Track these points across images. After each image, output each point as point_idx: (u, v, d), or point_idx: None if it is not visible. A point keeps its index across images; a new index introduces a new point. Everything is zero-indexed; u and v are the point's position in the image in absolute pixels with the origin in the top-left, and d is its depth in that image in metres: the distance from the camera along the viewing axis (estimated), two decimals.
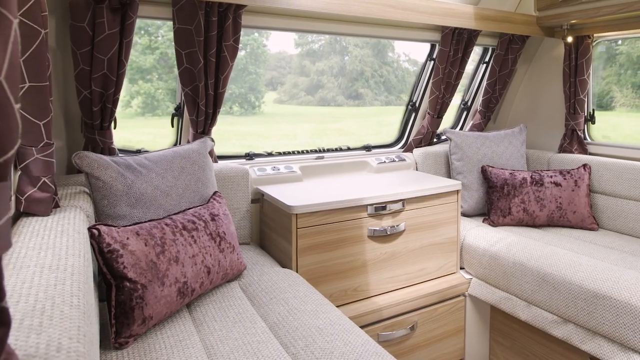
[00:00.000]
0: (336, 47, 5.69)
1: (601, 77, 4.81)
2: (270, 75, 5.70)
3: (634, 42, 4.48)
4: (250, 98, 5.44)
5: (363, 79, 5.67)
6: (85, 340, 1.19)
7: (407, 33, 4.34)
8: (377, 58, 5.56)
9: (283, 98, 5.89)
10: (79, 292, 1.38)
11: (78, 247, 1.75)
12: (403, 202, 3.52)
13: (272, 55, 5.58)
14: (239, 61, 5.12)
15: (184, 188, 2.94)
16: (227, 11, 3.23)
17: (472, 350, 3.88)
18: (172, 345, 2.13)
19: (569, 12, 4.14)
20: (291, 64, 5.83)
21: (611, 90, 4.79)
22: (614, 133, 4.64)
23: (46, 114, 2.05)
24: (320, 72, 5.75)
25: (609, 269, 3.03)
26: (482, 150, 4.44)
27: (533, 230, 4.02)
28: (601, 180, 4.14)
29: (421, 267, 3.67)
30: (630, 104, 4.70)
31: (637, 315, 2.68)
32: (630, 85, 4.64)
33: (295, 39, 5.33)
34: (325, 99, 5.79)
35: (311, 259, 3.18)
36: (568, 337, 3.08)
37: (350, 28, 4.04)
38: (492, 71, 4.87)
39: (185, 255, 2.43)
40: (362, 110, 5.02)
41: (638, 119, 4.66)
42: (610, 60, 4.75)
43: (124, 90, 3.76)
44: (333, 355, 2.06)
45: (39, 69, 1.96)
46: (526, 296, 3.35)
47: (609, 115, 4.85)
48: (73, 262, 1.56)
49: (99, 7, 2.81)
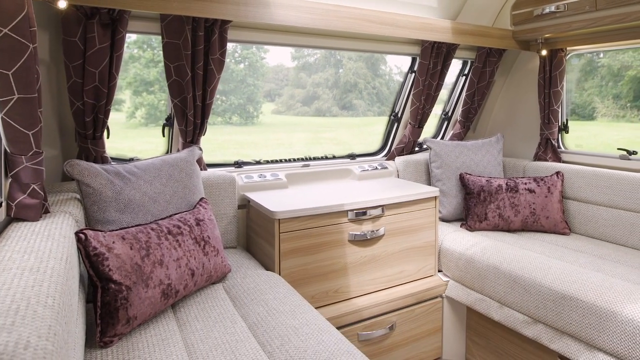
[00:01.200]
0: (331, 61, 5.75)
1: (583, 89, 4.84)
2: (269, 87, 5.75)
3: (615, 55, 4.52)
4: (249, 109, 5.49)
5: (357, 91, 5.72)
6: (55, 338, 1.21)
7: (388, 47, 4.38)
8: (370, 71, 5.61)
9: (280, 109, 5.95)
10: (55, 293, 1.40)
11: (61, 250, 1.77)
12: (382, 207, 3.55)
13: (270, 68, 5.64)
14: (238, 73, 5.17)
15: (172, 194, 2.97)
16: (213, 26, 3.26)
17: (449, 349, 3.91)
18: (154, 344, 2.15)
19: (543, 27, 4.19)
20: (288, 77, 5.89)
21: (593, 101, 4.83)
22: (595, 142, 4.67)
23: (35, 125, 2.07)
24: (315, 84, 5.81)
25: (577, 272, 3.06)
26: (460, 159, 4.48)
27: (508, 235, 4.06)
28: (573, 187, 4.18)
29: (400, 269, 3.71)
30: (610, 114, 4.73)
31: (602, 315, 2.71)
32: (611, 97, 4.68)
33: (292, 52, 5.39)
34: (320, 110, 5.84)
35: (293, 262, 3.21)
36: (538, 337, 3.11)
37: (333, 42, 4.08)
38: (471, 83, 4.91)
39: (169, 259, 2.45)
40: (355, 120, 5.07)
41: (618, 128, 4.70)
42: (592, 72, 4.78)
43: (129, 102, 3.80)
44: (306, 353, 2.09)
45: (27, 82, 1.98)
46: (499, 297, 3.38)
47: (591, 125, 4.89)
48: (54, 265, 1.59)
49: (90, 22, 2.85)
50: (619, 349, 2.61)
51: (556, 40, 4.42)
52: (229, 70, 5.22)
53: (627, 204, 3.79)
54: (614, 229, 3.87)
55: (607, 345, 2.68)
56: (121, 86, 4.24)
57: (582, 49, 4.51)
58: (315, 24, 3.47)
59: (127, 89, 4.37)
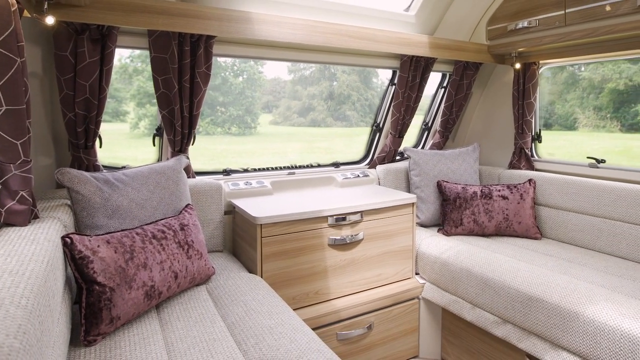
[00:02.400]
0: (325, 74, 5.79)
1: (566, 100, 4.88)
2: (266, 99, 5.80)
3: (596, 69, 4.55)
4: (247, 120, 5.53)
5: (350, 102, 5.75)
6: (24, 337, 1.23)
7: (370, 60, 4.41)
8: (362, 83, 5.64)
9: (277, 120, 5.99)
10: (30, 294, 1.43)
11: (43, 254, 1.79)
12: (361, 213, 3.58)
13: (268, 81, 5.69)
14: (237, 86, 5.20)
15: (159, 201, 3.00)
16: (199, 41, 3.30)
17: (426, 348, 3.93)
18: (136, 342, 2.18)
19: (516, 41, 4.24)
20: (285, 89, 5.93)
21: (575, 112, 4.86)
22: (576, 150, 4.71)
23: (23, 135, 2.09)
24: (311, 96, 5.86)
25: (544, 274, 3.09)
26: (438, 167, 4.52)
27: (482, 239, 4.09)
28: (545, 193, 4.21)
29: (378, 272, 3.73)
30: (592, 124, 4.76)
31: (565, 316, 2.74)
32: (592, 108, 4.70)
33: (289, 66, 5.44)
34: (315, 121, 5.88)
35: (275, 265, 3.23)
36: (507, 336, 3.14)
37: (316, 56, 4.11)
38: (449, 95, 4.95)
39: (153, 262, 2.48)
40: (349, 130, 5.10)
41: (598, 138, 4.73)
42: (574, 84, 4.81)
43: (133, 113, 3.82)
44: (279, 351, 2.12)
45: (15, 94, 2.01)
46: (471, 299, 3.41)
47: (573, 135, 4.92)
48: (33, 267, 1.61)
49: (80, 37, 2.88)
50: (582, 348, 2.64)
51: (529, 54, 4.47)
52: (228, 83, 5.26)
53: (595, 210, 3.83)
54: (582, 234, 3.91)
55: (570, 344, 2.70)
56: (125, 98, 4.27)
57: (553, 62, 4.56)
58: (297, 39, 3.52)
59: (131, 100, 4.40)
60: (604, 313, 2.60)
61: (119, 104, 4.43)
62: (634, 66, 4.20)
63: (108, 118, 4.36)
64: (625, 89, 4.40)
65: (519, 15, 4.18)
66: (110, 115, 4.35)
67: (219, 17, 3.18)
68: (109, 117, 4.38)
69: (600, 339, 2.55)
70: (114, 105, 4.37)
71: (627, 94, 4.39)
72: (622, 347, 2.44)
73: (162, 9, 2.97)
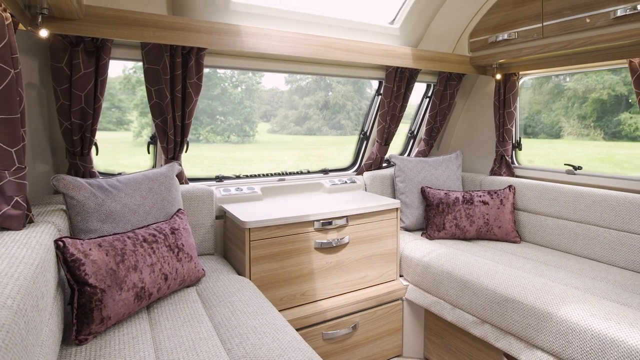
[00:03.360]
0: (321, 84, 5.84)
1: (551, 110, 4.91)
2: (265, 109, 5.86)
3: (580, 79, 4.59)
4: (245, 128, 5.58)
5: (344, 112, 5.80)
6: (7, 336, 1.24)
7: (356, 72, 4.44)
8: (356, 94, 5.69)
9: (275, 128, 6.05)
10: (17, 295, 1.44)
11: (34, 256, 1.81)
12: (347, 218, 3.61)
13: (266, 92, 5.75)
14: (236, 96, 5.25)
15: (151, 206, 3.02)
16: (190, 53, 3.33)
17: (409, 347, 3.96)
18: (125, 341, 2.20)
19: (497, 53, 4.27)
20: (282, 99, 6.01)
21: (560, 121, 4.89)
22: (561, 158, 4.74)
23: (17, 142, 2.11)
24: (307, 106, 5.92)
25: (521, 277, 3.12)
26: (422, 174, 4.55)
27: (463, 243, 4.12)
28: (524, 199, 4.25)
29: (363, 274, 3.76)
30: (576, 132, 4.79)
31: (540, 316, 2.77)
32: (576, 117, 4.74)
33: (286, 77, 5.51)
34: (311, 129, 5.94)
35: (263, 267, 3.26)
36: (485, 336, 3.16)
37: (304, 67, 4.14)
38: (433, 104, 4.98)
39: (144, 264, 2.50)
40: (343, 138, 5.14)
41: (582, 146, 4.76)
42: (559, 94, 4.85)
43: (136, 122, 3.84)
44: (261, 350, 2.14)
45: (9, 104, 2.03)
46: (451, 300, 3.44)
47: (558, 143, 4.96)
48: (22, 270, 1.63)
49: (75, 49, 2.91)
50: (555, 347, 2.66)
51: (509, 65, 4.51)
52: (227, 93, 5.32)
53: (571, 215, 3.86)
54: (559, 238, 3.94)
55: (544, 343, 2.73)
56: (129, 108, 4.29)
57: (532, 73, 4.61)
58: (285, 51, 3.54)
59: (135, 110, 4.44)
60: (575, 314, 2.62)
61: (123, 114, 4.46)
62: (616, 77, 4.24)
63: (112, 127, 4.39)
64: (608, 99, 4.44)
65: (500, 28, 4.22)
66: (115, 124, 4.38)
67: (209, 30, 3.20)
68: (114, 125, 4.41)
69: (572, 338, 2.57)
70: (118, 115, 4.40)
71: (610, 104, 4.42)
72: (593, 346, 2.47)
73: (153, 22, 3.00)
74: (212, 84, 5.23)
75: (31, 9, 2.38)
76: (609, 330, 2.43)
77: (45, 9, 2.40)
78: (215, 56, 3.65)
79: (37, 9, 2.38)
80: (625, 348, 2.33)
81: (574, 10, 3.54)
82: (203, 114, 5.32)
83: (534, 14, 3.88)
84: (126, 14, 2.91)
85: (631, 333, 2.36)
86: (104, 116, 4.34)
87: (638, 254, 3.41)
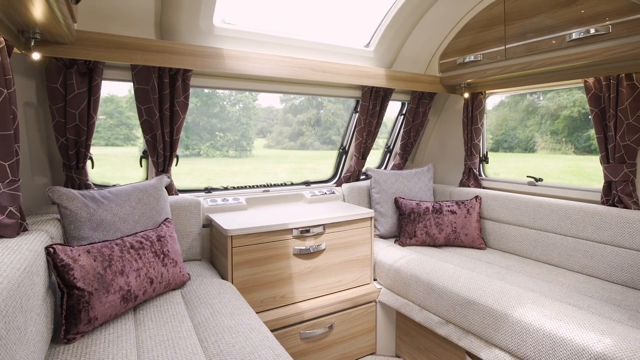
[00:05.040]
0: (313, 103, 5.93)
1: (526, 126, 4.97)
2: (261, 125, 5.93)
3: (552, 98, 4.66)
4: (243, 144, 5.64)
5: (335, 128, 5.87)
6: None
7: (335, 91, 4.51)
8: (346, 111, 5.76)
9: (271, 143, 6.13)
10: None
11: (22, 262, 1.84)
12: (324, 226, 3.66)
13: (262, 110, 5.84)
14: (234, 114, 5.31)
15: (140, 215, 3.06)
16: (177, 74, 3.38)
17: (382, 346, 3.99)
18: (110, 340, 2.23)
19: (465, 73, 4.34)
20: (277, 116, 6.08)
21: (534, 136, 4.95)
22: (534, 171, 4.79)
23: (10, 157, 2.15)
24: (300, 123, 6.00)
25: (482, 280, 3.17)
26: (396, 185, 4.60)
27: (433, 249, 4.16)
28: (489, 208, 4.30)
29: (339, 278, 3.80)
30: (549, 147, 4.84)
31: (497, 317, 2.82)
32: (549, 133, 4.80)
33: (281, 96, 5.59)
34: (304, 144, 6.01)
35: (244, 272, 3.30)
36: (449, 335, 3.20)
37: (285, 87, 4.20)
38: (407, 121, 5.04)
39: (130, 269, 2.54)
40: (333, 152, 5.18)
41: (554, 159, 4.82)
42: (533, 112, 4.91)
43: (140, 136, 3.85)
44: (234, 348, 2.18)
45: (2, 121, 2.07)
46: (419, 302, 3.48)
47: (532, 157, 5.02)
48: (8, 274, 1.66)
49: (69, 71, 2.97)
50: (511, 346, 2.71)
51: (476, 84, 4.59)
52: (226, 111, 5.39)
53: (532, 223, 3.92)
54: (521, 244, 4.00)
55: (501, 342, 2.78)
56: (136, 125, 4.33)
57: (498, 92, 4.68)
58: (264, 72, 3.60)
59: (140, 127, 4.49)
60: (529, 315, 2.67)
61: (130, 130, 4.49)
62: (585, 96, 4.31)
63: (120, 143, 4.43)
64: (578, 116, 4.50)
65: (467, 50, 4.28)
66: (122, 140, 4.42)
67: (193, 53, 3.26)
68: (121, 142, 4.45)
69: (526, 337, 2.62)
70: (125, 132, 4.44)
71: (580, 121, 4.49)
72: (545, 345, 2.51)
73: (141, 45, 3.06)
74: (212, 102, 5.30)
75: (24, 34, 2.42)
76: (559, 330, 2.48)
77: (38, 33, 2.44)
78: (202, 77, 3.71)
79: (29, 33, 2.42)
80: (573, 346, 2.38)
81: (534, 34, 3.61)
82: (203, 131, 5.38)
83: (497, 37, 3.95)
84: (116, 38, 2.96)
85: (579, 332, 2.41)
86: (113, 133, 4.40)
87: (591, 259, 3.46)
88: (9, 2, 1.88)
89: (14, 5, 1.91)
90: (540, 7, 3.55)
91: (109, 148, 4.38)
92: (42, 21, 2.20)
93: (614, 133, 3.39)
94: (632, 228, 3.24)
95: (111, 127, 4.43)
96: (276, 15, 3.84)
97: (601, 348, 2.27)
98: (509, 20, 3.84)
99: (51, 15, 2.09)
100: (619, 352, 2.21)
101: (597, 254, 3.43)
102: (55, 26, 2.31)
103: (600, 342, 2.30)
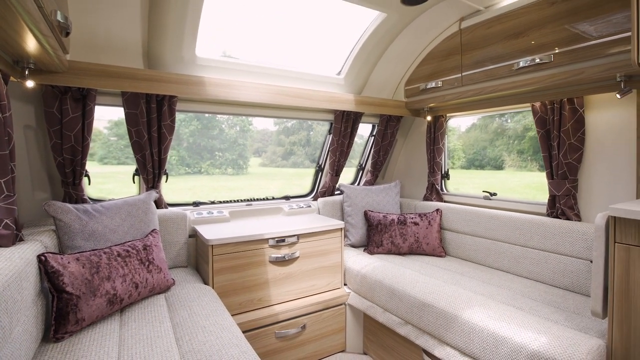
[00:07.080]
0: (304, 125, 6.03)
1: (495, 146, 5.04)
2: (257, 146, 6.03)
3: (519, 120, 4.73)
4: (239, 162, 5.74)
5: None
6: None
7: (311, 114, 4.58)
8: None
9: (265, 162, 6.24)
10: None
11: (11, 268, 1.89)
12: (297, 236, 3.71)
13: (257, 132, 5.95)
14: (231, 135, 5.40)
15: (129, 227, 3.11)
16: (163, 100, 3.45)
17: (351, 344, 4.04)
18: (95, 339, 2.28)
19: (427, 99, 4.42)
20: (271, 137, 6.20)
21: (502, 155, 5.03)
22: (502, 186, 4.85)
23: (6, 174, 2.20)
24: (292, 143, 6.11)
25: (437, 285, 3.24)
26: (366, 199, 4.67)
27: (397, 257, 4.22)
28: (449, 220, 4.37)
29: (312, 283, 3.85)
30: (516, 165, 4.92)
31: (449, 318, 2.88)
32: (516, 152, 4.88)
33: (275, 120, 5.66)
34: (296, 163, 6.12)
35: (224, 277, 3.34)
36: (408, 334, 3.26)
37: (265, 111, 4.26)
38: (376, 142, 5.12)
39: (116, 275, 2.59)
40: None
41: (521, 176, 4.89)
42: (502, 133, 4.98)
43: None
44: (205, 346, 2.23)
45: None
46: (383, 305, 3.53)
47: (500, 174, 5.10)
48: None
49: (64, 97, 3.03)
50: (460, 344, 2.77)
51: (437, 108, 4.67)
52: (224, 133, 5.50)
53: (485, 233, 3.99)
54: (476, 252, 4.06)
55: (452, 341, 2.84)
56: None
57: (456, 115, 4.77)
58: (243, 98, 3.68)
59: None
60: (476, 316, 2.74)
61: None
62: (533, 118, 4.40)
63: (130, 162, 4.48)
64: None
65: (430, 77, 4.36)
66: (133, 159, 4.48)
67: (178, 81, 3.33)
68: (131, 160, 4.51)
69: (473, 336, 2.68)
70: (129, 151, 4.49)
71: None
72: (489, 343, 2.58)
73: (130, 74, 3.13)
74: (211, 125, 5.39)
75: (19, 64, 2.48)
76: (502, 330, 2.55)
77: (32, 63, 2.50)
78: (187, 102, 3.78)
79: (24, 63, 2.48)
80: (513, 344, 2.45)
81: (486, 63, 3.70)
82: (204, 150, 5.47)
83: (455, 65, 4.04)
84: (106, 68, 3.03)
85: (518, 332, 2.48)
86: (124, 152, 4.45)
87: (537, 265, 3.53)
88: (2, 37, 1.94)
89: (6, 39, 1.98)
90: (493, 38, 3.63)
91: (120, 167, 4.43)
92: (34, 53, 2.27)
93: (558, 152, 3.48)
94: (572, 237, 3.31)
95: (122, 147, 4.49)
96: (256, 45, 3.93)
97: (537, 346, 2.34)
98: (465, 50, 3.92)
99: (41, 48, 2.15)
100: (551, 350, 2.28)
101: (542, 261, 3.50)
102: (47, 57, 2.37)
103: (536, 341, 2.37)
